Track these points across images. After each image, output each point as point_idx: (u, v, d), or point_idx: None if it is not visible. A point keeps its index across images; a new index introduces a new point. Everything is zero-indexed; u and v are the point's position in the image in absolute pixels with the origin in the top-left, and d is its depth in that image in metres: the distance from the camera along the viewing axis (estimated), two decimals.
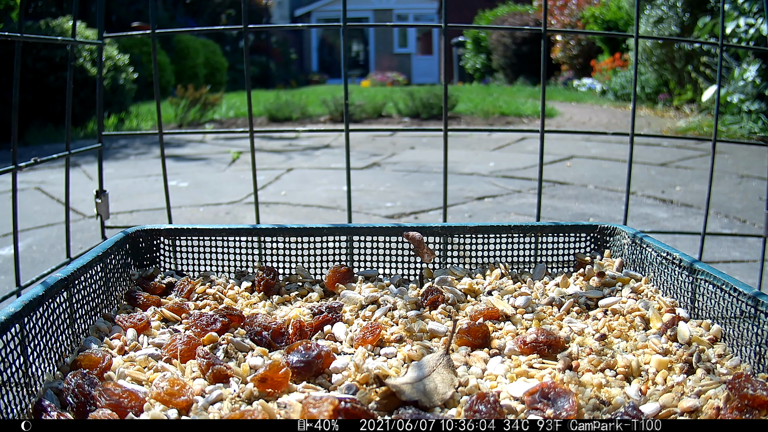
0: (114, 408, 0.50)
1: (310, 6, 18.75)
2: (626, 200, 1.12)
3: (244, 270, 0.82)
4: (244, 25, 1.02)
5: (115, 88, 6.31)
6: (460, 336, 0.62)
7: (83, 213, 2.85)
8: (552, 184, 3.39)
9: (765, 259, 1.17)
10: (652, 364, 0.57)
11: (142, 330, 0.65)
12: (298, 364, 0.56)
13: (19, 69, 0.90)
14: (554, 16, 9.94)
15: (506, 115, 6.86)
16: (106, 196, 1.12)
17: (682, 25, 5.48)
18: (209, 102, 6.51)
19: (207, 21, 13.36)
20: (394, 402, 0.51)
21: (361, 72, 18.07)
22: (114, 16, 10.52)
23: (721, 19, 1.07)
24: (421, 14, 18.60)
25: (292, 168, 4.03)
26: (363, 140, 5.20)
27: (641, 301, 0.68)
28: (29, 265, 2.09)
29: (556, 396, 0.51)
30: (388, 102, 7.27)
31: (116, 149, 5.07)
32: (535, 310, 0.69)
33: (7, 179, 3.24)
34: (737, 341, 0.59)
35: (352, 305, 0.71)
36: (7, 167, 0.89)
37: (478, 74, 12.82)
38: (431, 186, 3.38)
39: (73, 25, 1.06)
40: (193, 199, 3.15)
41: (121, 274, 0.76)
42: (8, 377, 0.51)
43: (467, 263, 0.83)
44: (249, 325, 0.64)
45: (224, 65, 10.67)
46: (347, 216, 1.08)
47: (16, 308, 0.54)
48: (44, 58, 5.47)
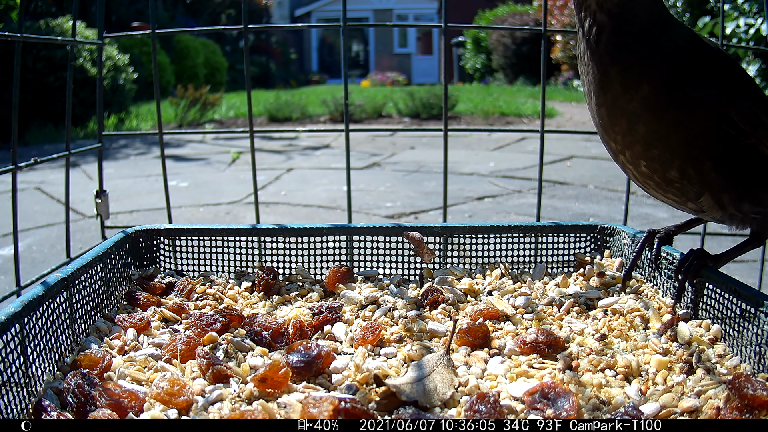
0: (114, 408, 0.50)
1: (310, 6, 18.75)
2: (626, 200, 1.12)
3: (244, 270, 0.82)
4: (244, 25, 1.02)
5: (115, 88, 6.31)
6: (460, 336, 0.62)
7: (83, 213, 2.85)
8: (552, 184, 3.39)
9: (765, 259, 1.17)
10: (652, 364, 0.57)
11: (142, 330, 0.65)
12: (298, 364, 0.56)
13: (19, 69, 0.90)
14: (554, 16, 9.93)
15: (506, 115, 6.85)
16: (106, 196, 1.12)
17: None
18: (209, 102, 6.51)
19: (207, 21, 13.36)
20: (394, 402, 0.51)
21: (361, 72, 18.06)
22: (114, 16, 10.53)
23: (721, 19, 1.07)
24: (421, 14, 18.60)
25: (292, 168, 4.04)
26: (363, 140, 5.20)
27: (641, 301, 0.68)
28: (29, 265, 2.09)
29: (556, 396, 0.51)
30: (388, 102, 7.27)
31: (116, 149, 5.07)
32: (535, 310, 0.69)
33: (7, 179, 3.24)
34: (737, 341, 0.59)
35: (352, 305, 0.71)
36: (7, 167, 0.89)
37: (478, 74, 12.82)
38: (431, 186, 3.38)
39: (73, 25, 1.06)
40: (193, 199, 3.15)
41: (121, 274, 0.76)
42: (8, 377, 0.51)
43: (467, 263, 0.83)
44: (249, 325, 0.64)
45: (224, 65, 10.67)
46: (347, 216, 1.08)
47: (16, 308, 0.54)
48: (44, 58, 5.47)
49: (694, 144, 0.60)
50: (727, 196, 0.62)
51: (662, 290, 0.71)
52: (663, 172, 0.63)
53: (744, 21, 3.24)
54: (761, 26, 3.14)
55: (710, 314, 0.64)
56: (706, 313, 0.65)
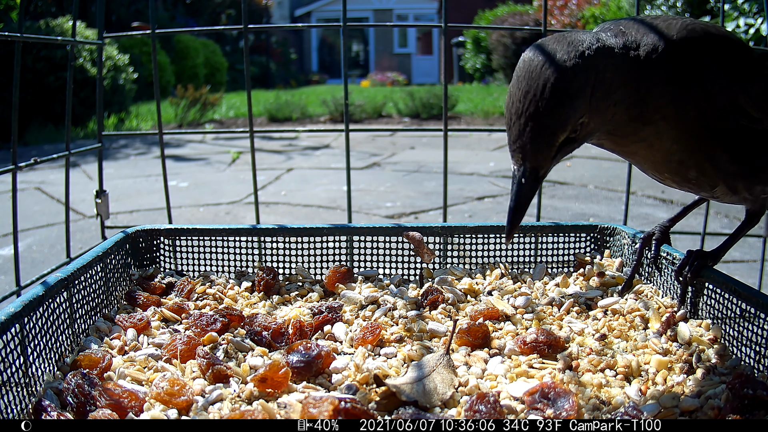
0: (114, 408, 0.50)
1: (310, 6, 18.74)
2: (626, 200, 1.12)
3: (244, 270, 0.82)
4: (244, 25, 1.02)
5: (115, 88, 6.31)
6: (460, 336, 0.62)
7: (83, 213, 2.85)
8: (552, 184, 3.39)
9: (765, 259, 1.17)
10: (652, 364, 0.57)
11: (142, 330, 0.65)
12: (298, 364, 0.56)
13: (19, 69, 0.90)
14: (554, 16, 9.94)
15: None
16: (106, 196, 1.12)
17: None
18: (209, 102, 6.51)
19: (207, 21, 13.35)
20: (394, 402, 0.51)
21: (361, 72, 18.05)
22: (114, 16, 10.52)
23: (721, 20, 1.07)
24: (421, 14, 18.59)
25: (292, 168, 4.04)
26: (363, 140, 5.20)
27: (641, 301, 0.68)
28: (29, 265, 2.09)
29: (556, 396, 0.51)
30: (388, 102, 7.26)
31: (116, 149, 5.07)
32: (535, 310, 0.69)
33: (7, 179, 3.24)
34: (737, 341, 0.59)
35: (352, 305, 0.71)
36: (7, 167, 0.89)
37: (478, 74, 12.81)
38: (431, 186, 3.38)
39: (73, 25, 1.06)
40: (193, 199, 3.15)
41: (121, 274, 0.76)
42: (8, 377, 0.51)
43: (467, 263, 0.83)
44: (249, 325, 0.64)
45: (224, 65, 10.67)
46: (347, 216, 1.08)
47: (16, 308, 0.54)
48: (44, 58, 5.47)
49: (710, 142, 0.59)
50: (741, 183, 0.62)
51: (662, 290, 0.71)
52: (683, 174, 0.62)
53: (744, 21, 3.24)
54: (761, 26, 3.14)
55: (710, 314, 0.64)
56: (706, 313, 0.65)
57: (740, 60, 0.59)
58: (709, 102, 0.57)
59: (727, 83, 0.57)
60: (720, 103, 0.57)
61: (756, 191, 0.63)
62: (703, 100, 0.57)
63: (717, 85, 0.57)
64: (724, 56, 0.58)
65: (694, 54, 0.57)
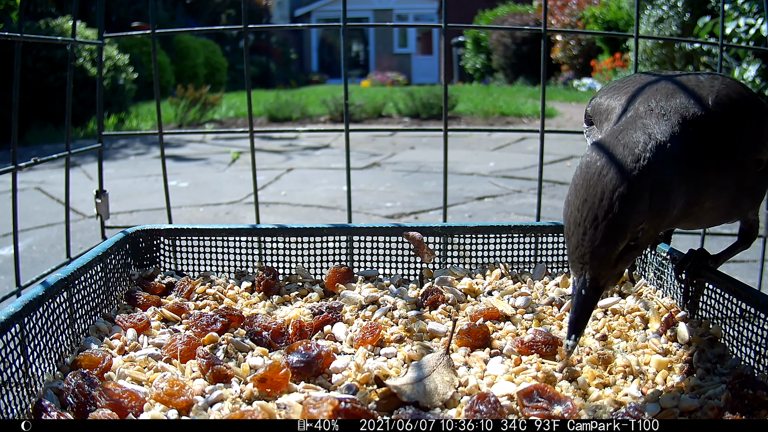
0: (114, 408, 0.50)
1: (310, 6, 18.73)
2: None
3: (244, 270, 0.82)
4: (244, 25, 1.02)
5: (115, 88, 6.31)
6: (460, 336, 0.62)
7: (83, 213, 2.85)
8: (552, 184, 3.39)
9: (765, 259, 1.17)
10: (652, 364, 0.57)
11: (142, 330, 0.65)
12: (298, 364, 0.56)
13: (19, 69, 0.90)
14: (554, 16, 9.93)
15: (506, 115, 6.85)
16: (106, 196, 1.12)
17: (683, 25, 5.48)
18: (209, 102, 6.50)
19: (207, 21, 13.35)
20: (394, 402, 0.51)
21: (361, 72, 18.04)
22: (114, 16, 10.52)
23: (721, 19, 1.07)
24: (421, 14, 18.58)
25: (292, 168, 4.04)
26: (363, 140, 5.20)
27: (641, 302, 0.68)
28: (29, 265, 2.09)
29: (556, 396, 0.51)
30: (388, 102, 7.26)
31: (116, 149, 5.07)
32: (535, 311, 0.69)
33: (7, 179, 3.24)
34: (737, 341, 0.59)
35: (352, 305, 0.71)
36: (7, 167, 0.89)
37: (478, 74, 12.81)
38: (431, 186, 3.38)
39: (73, 25, 1.06)
40: (193, 199, 3.15)
41: (121, 274, 0.76)
42: (8, 377, 0.51)
43: (467, 263, 0.83)
44: (249, 325, 0.64)
45: (224, 65, 10.66)
46: (347, 216, 1.08)
47: (16, 308, 0.54)
48: (44, 58, 5.47)
49: (739, 196, 0.60)
50: (751, 212, 0.65)
51: (662, 290, 0.71)
52: (708, 223, 0.64)
53: (744, 21, 3.24)
54: (761, 26, 3.14)
55: (710, 314, 0.64)
56: (706, 313, 0.65)
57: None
58: (744, 168, 0.58)
59: (759, 148, 0.58)
60: (749, 166, 0.58)
61: (750, 216, 0.66)
62: (741, 170, 0.58)
63: (750, 154, 0.58)
64: (758, 123, 0.59)
65: (732, 126, 0.57)
